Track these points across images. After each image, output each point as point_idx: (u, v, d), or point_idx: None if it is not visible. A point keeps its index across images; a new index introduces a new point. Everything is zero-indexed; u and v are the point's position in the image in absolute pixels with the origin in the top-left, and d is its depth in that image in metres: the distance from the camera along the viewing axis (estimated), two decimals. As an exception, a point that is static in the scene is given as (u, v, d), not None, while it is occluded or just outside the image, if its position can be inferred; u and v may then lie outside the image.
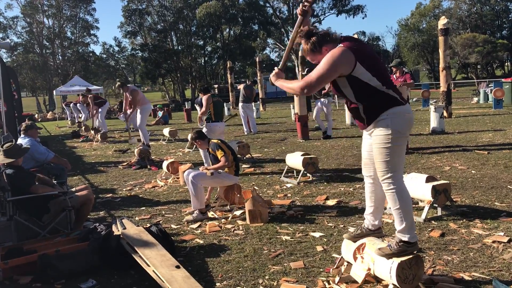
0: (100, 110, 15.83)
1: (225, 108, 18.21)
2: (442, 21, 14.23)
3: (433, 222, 4.54)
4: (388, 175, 3.03)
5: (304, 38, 3.15)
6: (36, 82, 50.53)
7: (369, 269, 3.15)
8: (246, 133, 13.77)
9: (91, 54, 52.93)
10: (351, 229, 4.44)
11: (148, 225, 4.62)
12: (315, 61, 3.14)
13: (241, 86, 14.62)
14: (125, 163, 9.56)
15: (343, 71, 2.96)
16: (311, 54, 3.15)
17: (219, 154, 5.40)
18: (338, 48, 2.98)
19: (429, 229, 4.33)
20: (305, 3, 3.27)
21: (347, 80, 3.01)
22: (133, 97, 9.94)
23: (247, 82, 14.81)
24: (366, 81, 2.98)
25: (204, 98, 7.83)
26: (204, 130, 7.84)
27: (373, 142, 3.10)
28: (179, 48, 47.80)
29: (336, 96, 17.23)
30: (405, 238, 3.03)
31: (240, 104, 13.98)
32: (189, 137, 5.61)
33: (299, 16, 3.31)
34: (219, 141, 5.63)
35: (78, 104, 20.88)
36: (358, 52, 2.96)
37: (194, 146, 10.97)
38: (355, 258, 3.29)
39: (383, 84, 3.01)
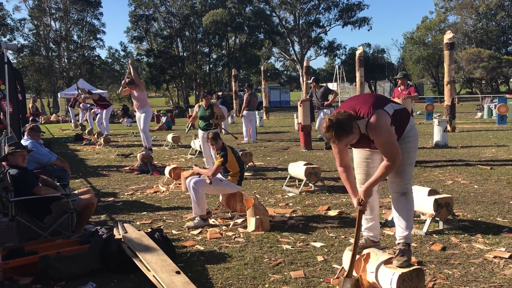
0: (103, 112, 15.82)
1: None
2: (448, 36, 14.28)
3: (434, 235, 4.54)
4: (410, 179, 3.31)
5: (332, 132, 3.06)
6: (41, 84, 50.73)
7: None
8: (248, 141, 13.78)
9: (96, 58, 53.14)
10: (352, 240, 4.45)
11: (149, 230, 4.63)
12: (352, 142, 3.17)
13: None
14: (128, 167, 9.59)
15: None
16: (346, 139, 3.10)
17: (218, 160, 5.39)
18: (373, 117, 3.08)
19: (430, 243, 4.33)
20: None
21: None
22: (141, 89, 9.89)
23: (247, 90, 14.62)
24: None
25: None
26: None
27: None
28: (185, 54, 48.02)
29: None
30: (411, 240, 3.30)
31: (245, 112, 14.00)
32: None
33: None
34: (230, 150, 5.51)
35: (82, 104, 20.82)
36: (378, 102, 3.19)
37: (196, 151, 11.00)
38: (357, 270, 3.28)
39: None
